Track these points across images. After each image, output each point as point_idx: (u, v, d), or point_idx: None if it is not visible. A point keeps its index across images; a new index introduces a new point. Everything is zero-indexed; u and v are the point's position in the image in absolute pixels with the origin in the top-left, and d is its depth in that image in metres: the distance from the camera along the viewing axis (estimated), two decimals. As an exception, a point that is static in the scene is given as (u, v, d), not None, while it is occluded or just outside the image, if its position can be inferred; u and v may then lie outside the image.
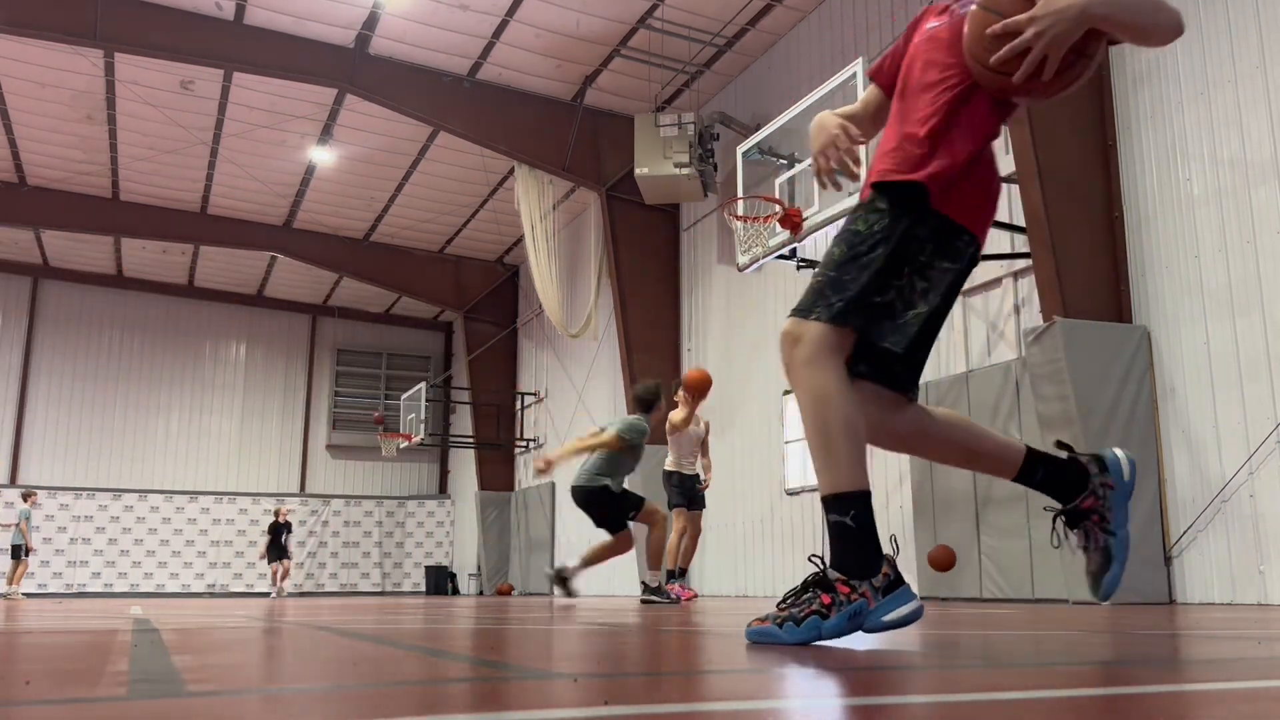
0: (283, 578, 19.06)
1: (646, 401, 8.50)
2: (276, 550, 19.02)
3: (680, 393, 9.15)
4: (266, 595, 19.43)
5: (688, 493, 8.95)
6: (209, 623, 4.13)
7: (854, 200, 7.49)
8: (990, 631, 3.23)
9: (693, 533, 8.97)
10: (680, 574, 9.00)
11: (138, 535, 21.59)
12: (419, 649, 2.44)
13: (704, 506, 9.16)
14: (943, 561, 8.27)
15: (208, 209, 18.79)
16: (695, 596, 9.32)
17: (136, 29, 12.68)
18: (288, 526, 19.30)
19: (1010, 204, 8.95)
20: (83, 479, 21.72)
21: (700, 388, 8.71)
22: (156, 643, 2.67)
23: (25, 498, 17.84)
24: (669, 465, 9.06)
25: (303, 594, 21.79)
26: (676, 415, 8.98)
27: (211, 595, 21.01)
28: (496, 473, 21.04)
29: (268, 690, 1.53)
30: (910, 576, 9.88)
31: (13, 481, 21.09)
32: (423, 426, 20.10)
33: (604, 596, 13.99)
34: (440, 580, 22.61)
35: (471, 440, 21.00)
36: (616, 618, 4.68)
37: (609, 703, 1.31)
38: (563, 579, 8.13)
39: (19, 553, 17.21)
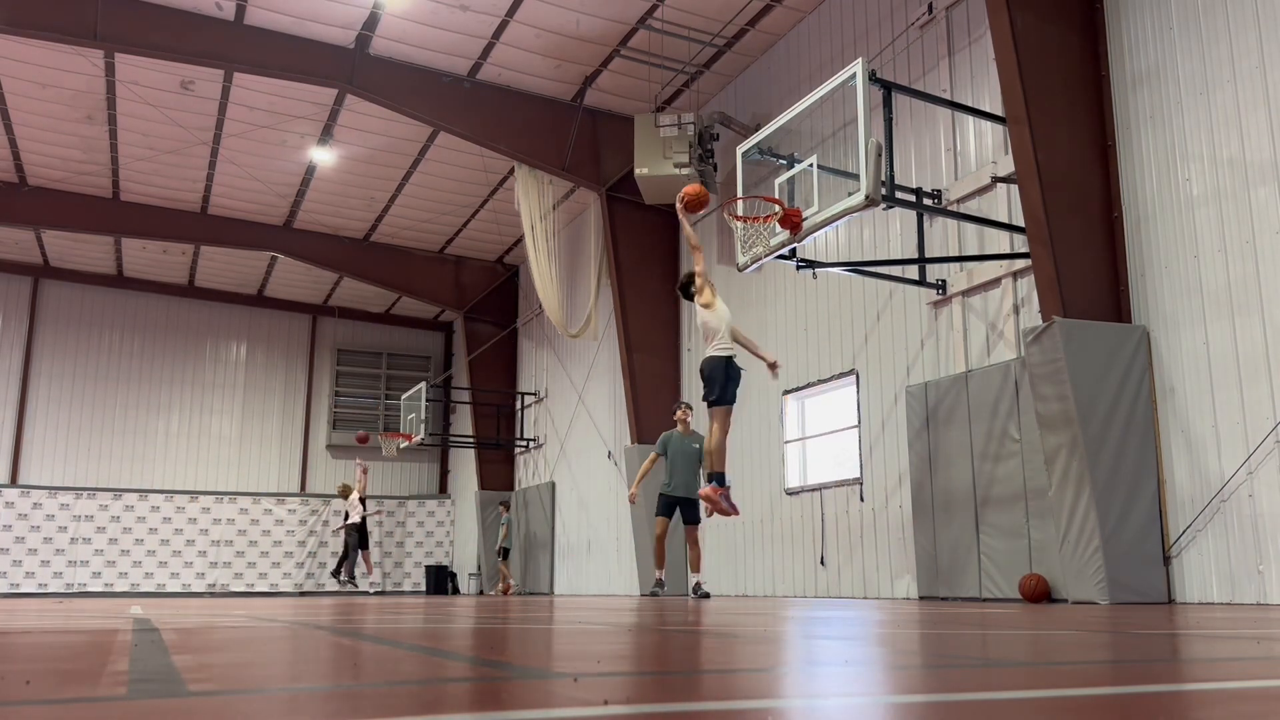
0: None
1: None
2: None
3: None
4: (267, 594, 19.05)
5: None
6: (209, 622, 4.13)
7: (854, 200, 7.50)
8: (990, 631, 3.23)
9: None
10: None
11: (138, 535, 21.57)
12: (419, 649, 2.44)
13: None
14: (1034, 589, 8.12)
15: (208, 209, 18.79)
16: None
17: (136, 29, 12.68)
18: None
19: (1010, 204, 8.95)
20: (83, 479, 21.72)
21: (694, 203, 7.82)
22: (156, 643, 2.67)
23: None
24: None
25: (303, 593, 21.79)
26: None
27: (212, 595, 21.01)
28: (496, 473, 21.05)
29: (268, 690, 1.53)
30: (907, 575, 9.88)
31: (13, 481, 21.10)
32: (423, 426, 20.09)
33: (604, 596, 13.98)
34: (440, 580, 22.62)
35: (471, 440, 21.00)
36: (616, 617, 4.68)
37: (609, 702, 1.31)
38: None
39: None
